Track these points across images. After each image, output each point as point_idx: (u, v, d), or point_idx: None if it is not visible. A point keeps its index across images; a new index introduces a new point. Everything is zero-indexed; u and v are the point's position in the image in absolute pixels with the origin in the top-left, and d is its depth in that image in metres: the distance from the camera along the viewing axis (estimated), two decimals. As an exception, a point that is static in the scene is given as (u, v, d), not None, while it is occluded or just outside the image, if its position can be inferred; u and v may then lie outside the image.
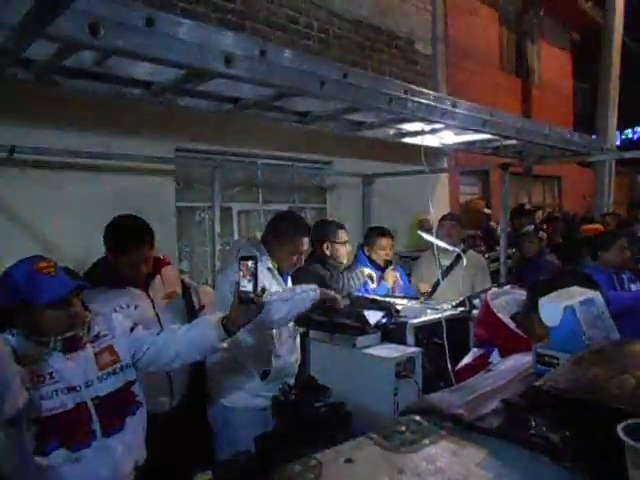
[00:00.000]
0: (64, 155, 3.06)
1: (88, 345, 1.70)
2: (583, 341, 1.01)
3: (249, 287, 1.66)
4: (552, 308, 1.04)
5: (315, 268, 2.92)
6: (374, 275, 3.12)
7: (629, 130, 13.77)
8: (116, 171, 3.44)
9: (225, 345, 1.80)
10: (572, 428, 0.73)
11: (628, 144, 13.18)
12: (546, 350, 1.02)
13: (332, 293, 2.36)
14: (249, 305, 1.69)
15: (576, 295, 1.07)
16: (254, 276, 1.66)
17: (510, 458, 0.77)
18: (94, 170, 3.33)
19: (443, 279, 3.32)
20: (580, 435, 0.72)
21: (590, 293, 1.10)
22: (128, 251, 2.20)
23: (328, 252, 3.01)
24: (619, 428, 0.60)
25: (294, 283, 2.73)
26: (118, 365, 1.74)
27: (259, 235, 2.55)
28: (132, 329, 1.83)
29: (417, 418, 0.91)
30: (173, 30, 1.46)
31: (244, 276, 1.67)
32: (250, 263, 1.67)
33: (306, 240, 2.45)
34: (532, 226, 4.66)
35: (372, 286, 3.17)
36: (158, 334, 1.85)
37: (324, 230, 3.07)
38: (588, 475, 0.68)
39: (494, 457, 0.78)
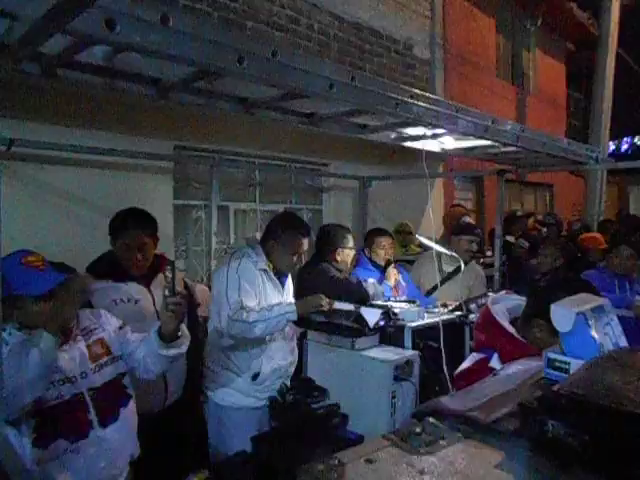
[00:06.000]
0: (60, 150, 3.03)
1: (79, 337, 1.72)
2: (594, 347, 1.03)
3: (169, 292, 1.70)
4: (564, 314, 1.05)
5: (325, 268, 2.93)
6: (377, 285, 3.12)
7: (620, 140, 13.98)
8: (114, 168, 3.42)
9: (173, 353, 1.76)
10: (590, 433, 0.74)
11: (619, 153, 13.38)
12: (557, 355, 1.04)
13: (318, 301, 2.38)
14: (170, 310, 1.68)
15: (587, 302, 1.09)
16: (171, 281, 1.70)
17: (528, 460, 0.79)
18: (91, 166, 3.31)
19: (442, 284, 3.34)
20: (598, 439, 0.74)
21: (601, 300, 1.12)
22: (122, 233, 2.21)
23: (339, 258, 3.03)
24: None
25: (301, 283, 2.74)
26: (109, 357, 1.77)
27: (259, 235, 2.56)
28: (121, 327, 1.86)
29: (432, 420, 0.92)
30: (187, 28, 1.46)
31: (167, 282, 1.71)
32: (167, 269, 1.71)
33: (306, 241, 2.46)
34: (527, 243, 4.73)
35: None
36: (142, 341, 1.84)
37: (336, 236, 3.07)
38: (606, 478, 0.70)
39: (512, 459, 0.80)
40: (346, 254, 3.06)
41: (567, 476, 0.74)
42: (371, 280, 3.06)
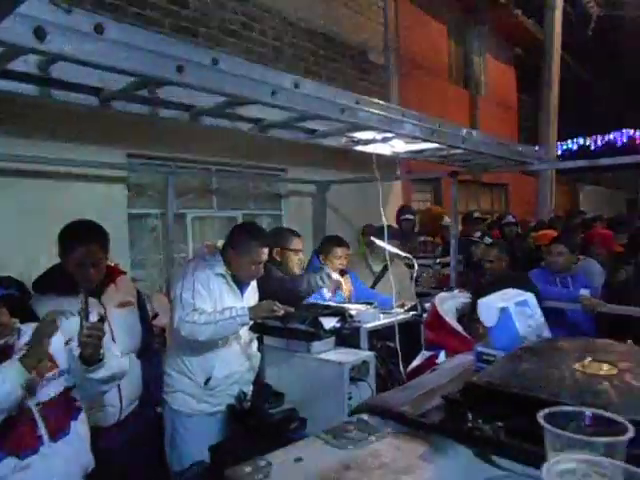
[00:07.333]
0: (10, 160, 2.93)
1: (23, 352, 1.66)
2: (518, 339, 1.08)
3: (85, 319, 1.71)
4: (489, 309, 1.11)
5: (271, 270, 2.92)
6: (342, 281, 3.11)
7: (569, 141, 14.66)
8: (66, 177, 3.33)
9: (99, 376, 1.75)
10: (503, 419, 0.79)
11: (569, 154, 14.02)
12: (485, 349, 1.09)
13: (270, 306, 2.39)
14: (85, 335, 1.68)
15: (512, 297, 1.15)
16: (85, 309, 1.72)
17: (451, 451, 0.82)
18: (43, 176, 3.22)
19: (376, 283, 3.49)
20: (511, 426, 0.78)
21: (524, 295, 1.18)
22: (74, 248, 2.13)
23: (278, 258, 3.01)
24: (539, 415, 0.66)
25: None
26: (57, 371, 1.72)
27: (220, 243, 2.56)
28: (67, 343, 1.80)
29: (365, 417, 0.95)
30: (123, 37, 1.45)
31: (82, 308, 1.73)
32: (81, 295, 1.75)
33: (265, 250, 2.46)
34: (490, 240, 4.81)
35: (327, 295, 3.19)
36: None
37: (275, 236, 3.07)
38: (515, 461, 0.74)
39: (436, 450, 0.83)
40: (286, 255, 3.03)
41: (484, 463, 0.78)
42: (335, 275, 3.01)
